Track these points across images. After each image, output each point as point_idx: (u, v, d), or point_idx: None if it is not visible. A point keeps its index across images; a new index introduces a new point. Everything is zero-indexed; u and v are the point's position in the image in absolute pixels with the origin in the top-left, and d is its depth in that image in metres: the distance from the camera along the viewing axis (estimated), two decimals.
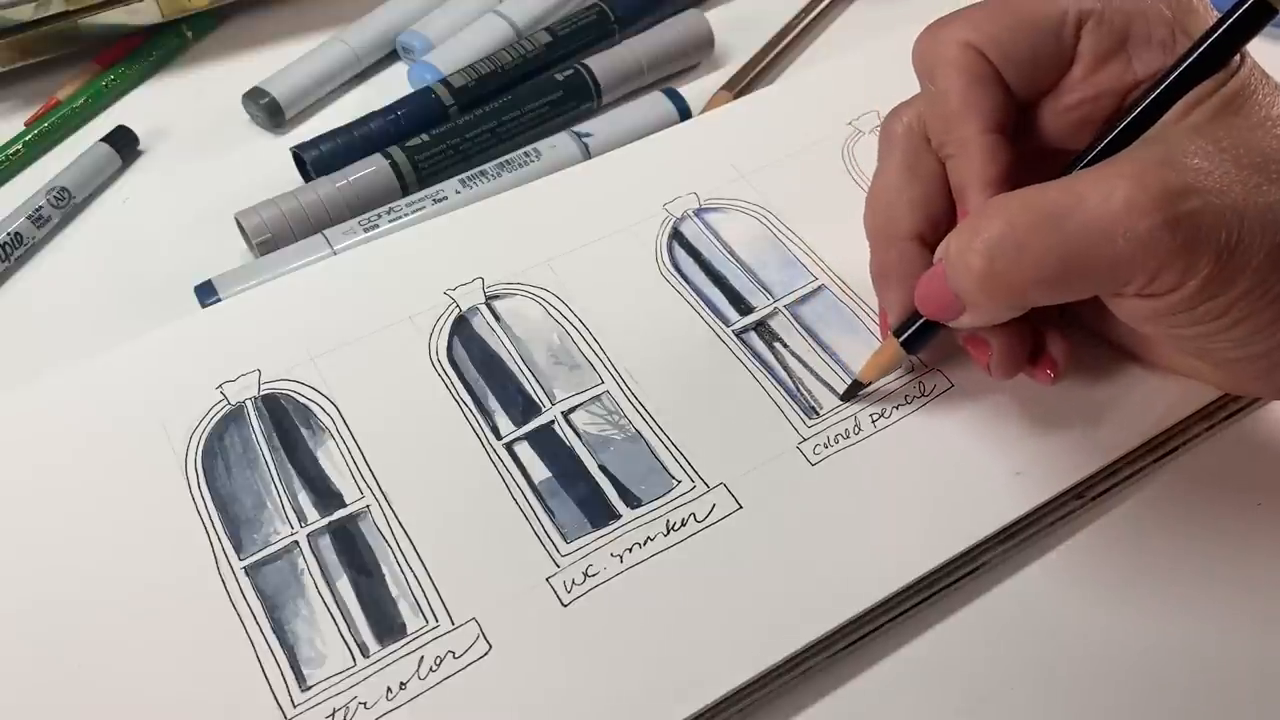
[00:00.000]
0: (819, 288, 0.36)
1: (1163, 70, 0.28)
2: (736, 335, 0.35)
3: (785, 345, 0.34)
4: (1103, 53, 0.29)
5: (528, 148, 0.42)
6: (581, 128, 0.44)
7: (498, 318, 0.35)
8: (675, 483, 0.31)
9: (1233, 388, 0.32)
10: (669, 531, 0.30)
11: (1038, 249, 0.26)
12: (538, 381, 0.34)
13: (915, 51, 0.31)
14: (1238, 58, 0.27)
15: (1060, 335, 0.31)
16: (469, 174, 0.41)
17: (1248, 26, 0.26)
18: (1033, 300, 0.27)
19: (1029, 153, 0.30)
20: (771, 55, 0.48)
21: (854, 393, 0.33)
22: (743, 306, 0.36)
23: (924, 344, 0.31)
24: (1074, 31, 0.29)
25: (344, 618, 0.29)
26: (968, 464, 0.31)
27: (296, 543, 0.30)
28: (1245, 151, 0.26)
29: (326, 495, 0.31)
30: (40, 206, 0.42)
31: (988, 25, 0.29)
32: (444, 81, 0.45)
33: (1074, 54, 0.29)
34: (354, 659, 0.28)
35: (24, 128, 0.46)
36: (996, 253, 0.26)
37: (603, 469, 0.32)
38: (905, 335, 0.31)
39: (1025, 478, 0.31)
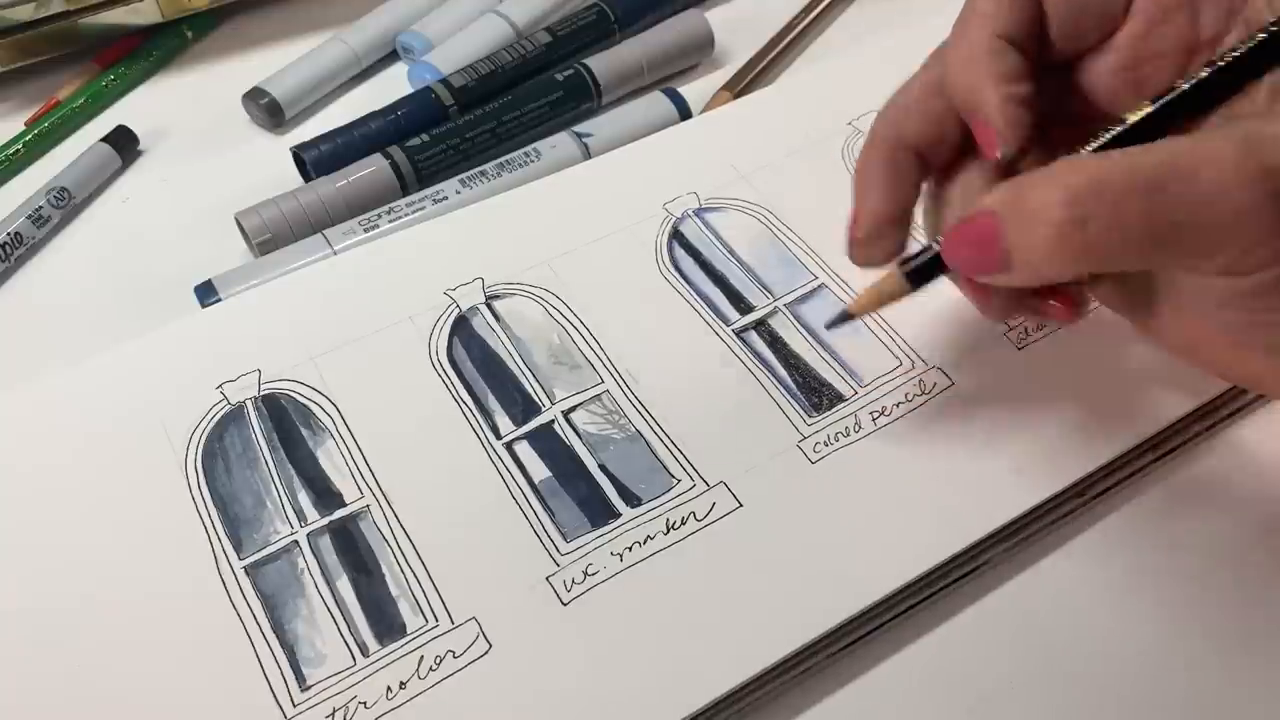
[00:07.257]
0: (819, 287, 0.36)
1: (1232, 34, 0.25)
2: (736, 334, 0.35)
3: (785, 344, 0.34)
4: (1164, 6, 0.26)
5: (528, 148, 0.42)
6: (581, 128, 0.44)
7: (498, 318, 0.35)
8: (675, 481, 0.31)
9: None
10: (669, 530, 0.30)
11: (1135, 210, 0.22)
12: (538, 381, 0.34)
13: None
14: None
15: None
16: (469, 174, 0.41)
17: None
18: (1105, 265, 0.24)
19: (1058, 116, 0.27)
20: (771, 55, 0.48)
21: (842, 321, 0.30)
22: (743, 306, 0.36)
23: (930, 280, 0.27)
24: None
25: (344, 617, 0.29)
26: (968, 463, 0.31)
27: (296, 542, 0.30)
28: None
29: (326, 495, 0.31)
30: (40, 206, 0.42)
31: None
32: (444, 81, 0.45)
33: (1128, 6, 0.26)
34: (354, 658, 0.28)
35: (24, 128, 0.46)
36: (1087, 209, 0.22)
37: (603, 468, 0.32)
38: (912, 266, 0.27)
39: (1025, 476, 0.31)
